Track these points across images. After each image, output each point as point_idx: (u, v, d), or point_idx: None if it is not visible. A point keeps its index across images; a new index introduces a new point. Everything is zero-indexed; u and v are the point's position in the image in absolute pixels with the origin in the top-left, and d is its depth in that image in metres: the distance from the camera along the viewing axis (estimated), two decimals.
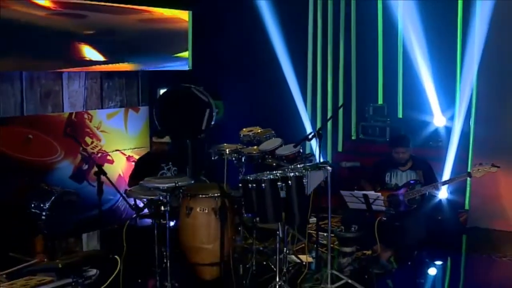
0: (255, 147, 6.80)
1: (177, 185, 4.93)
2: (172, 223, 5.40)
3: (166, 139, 6.53)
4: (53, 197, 5.38)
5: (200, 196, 5.21)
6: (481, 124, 7.80)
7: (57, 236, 5.42)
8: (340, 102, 9.30)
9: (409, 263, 6.32)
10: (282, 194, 4.94)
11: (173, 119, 6.76)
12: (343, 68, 9.26)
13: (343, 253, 6.17)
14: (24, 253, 4.45)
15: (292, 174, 4.99)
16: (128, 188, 6.16)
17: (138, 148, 6.94)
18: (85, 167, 6.42)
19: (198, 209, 5.17)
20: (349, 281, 5.52)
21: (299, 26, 8.86)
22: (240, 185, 5.14)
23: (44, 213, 5.22)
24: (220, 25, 7.27)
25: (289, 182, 4.93)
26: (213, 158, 6.75)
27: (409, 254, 6.39)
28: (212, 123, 6.81)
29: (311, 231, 6.77)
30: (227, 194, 5.02)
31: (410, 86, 8.91)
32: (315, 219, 6.78)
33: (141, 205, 5.64)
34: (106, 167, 6.54)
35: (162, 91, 7.26)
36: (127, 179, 6.68)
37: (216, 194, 5.17)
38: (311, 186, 5.22)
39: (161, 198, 4.88)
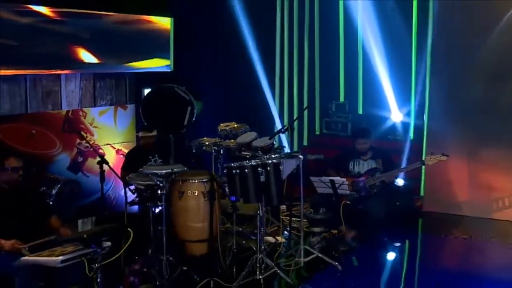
0: (232, 140, 7.53)
1: (173, 171, 5.70)
2: (157, 209, 6.14)
3: (153, 132, 7.25)
4: (59, 185, 6.09)
5: (191, 181, 5.98)
6: (433, 119, 8.65)
7: (63, 220, 6.09)
8: (305, 100, 10.12)
9: (372, 242, 7.12)
10: (262, 178, 5.72)
11: (158, 116, 7.44)
12: (308, 68, 10.05)
13: (312, 233, 6.95)
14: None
15: (271, 161, 5.79)
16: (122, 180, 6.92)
17: (126, 142, 7.63)
18: (80, 159, 7.11)
19: (189, 193, 5.94)
20: (319, 255, 6.31)
21: (269, 30, 9.64)
22: (225, 171, 5.91)
23: (52, 198, 5.90)
24: (198, 30, 8.00)
25: (268, 168, 5.73)
26: (194, 150, 7.49)
27: (371, 234, 7.23)
28: (193, 119, 7.49)
29: (284, 217, 7.55)
30: (216, 178, 5.80)
31: (369, 84, 9.70)
32: (285, 206, 7.64)
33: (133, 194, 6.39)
34: (98, 160, 7.23)
35: (146, 91, 7.96)
36: (117, 170, 7.37)
37: (204, 179, 5.94)
38: (286, 172, 6.05)
39: (158, 182, 5.62)
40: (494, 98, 8.13)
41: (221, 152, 7.37)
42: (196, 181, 5.96)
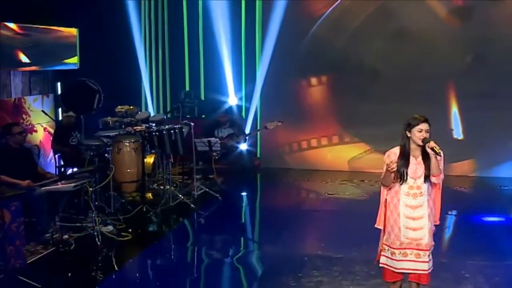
0: (130, 118, 10.34)
1: (120, 133, 8.60)
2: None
3: (71, 113, 9.90)
4: (30, 147, 8.69)
5: (125, 141, 8.89)
6: (265, 100, 12.19)
7: None
8: (160, 89, 13.10)
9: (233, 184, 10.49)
10: (172, 137, 8.82)
11: (74, 102, 10.08)
12: (161, 63, 13.06)
13: (196, 178, 10.10)
14: None
15: (177, 126, 8.91)
16: (52, 150, 9.56)
17: (49, 122, 10.18)
18: (24, 134, 9.59)
19: (124, 149, 8.87)
20: (206, 189, 9.60)
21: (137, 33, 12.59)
22: (146, 134, 8.88)
23: None
24: (97, 36, 10.75)
25: (176, 131, 8.84)
26: (100, 126, 10.25)
27: (230, 179, 10.57)
28: (100, 104, 10.26)
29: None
30: (145, 138, 8.76)
31: (210, 75, 12.85)
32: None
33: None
34: (34, 135, 9.84)
35: (59, 83, 10.59)
36: (45, 144, 9.97)
37: (133, 140, 8.88)
38: (185, 133, 9.20)
39: (107, 142, 8.45)
40: (310, 87, 11.86)
41: (122, 126, 10.18)
42: (129, 141, 8.89)
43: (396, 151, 5.48)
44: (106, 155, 8.53)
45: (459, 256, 7.01)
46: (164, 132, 8.82)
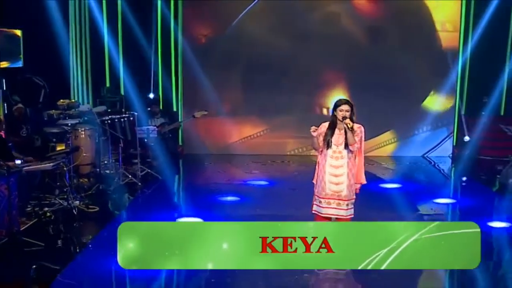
0: (72, 110, 11.59)
1: (79, 122, 9.95)
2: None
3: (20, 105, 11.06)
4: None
5: (80, 129, 10.23)
6: (187, 90, 13.84)
7: None
8: (91, 85, 14.33)
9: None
10: (122, 125, 10.30)
11: (21, 96, 11.28)
12: (85, 61, 14.28)
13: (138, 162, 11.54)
14: None
15: (125, 116, 10.38)
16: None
17: None
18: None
19: (80, 136, 10.20)
20: (149, 171, 11.18)
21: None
22: (99, 122, 10.28)
23: None
24: (40, 37, 11.93)
25: (125, 119, 10.31)
26: (45, 118, 11.46)
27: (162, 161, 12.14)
28: (46, 98, 11.53)
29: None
30: (100, 126, 10.16)
31: (132, 71, 14.18)
32: None
33: None
34: None
35: (4, 80, 11.69)
36: None
37: (87, 128, 10.24)
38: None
39: (68, 129, 9.81)
40: (227, 81, 13.64)
41: (67, 118, 11.44)
42: (84, 129, 10.24)
43: (326, 124, 7.32)
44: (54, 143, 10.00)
45: (370, 212, 8.72)
46: (116, 120, 10.29)
